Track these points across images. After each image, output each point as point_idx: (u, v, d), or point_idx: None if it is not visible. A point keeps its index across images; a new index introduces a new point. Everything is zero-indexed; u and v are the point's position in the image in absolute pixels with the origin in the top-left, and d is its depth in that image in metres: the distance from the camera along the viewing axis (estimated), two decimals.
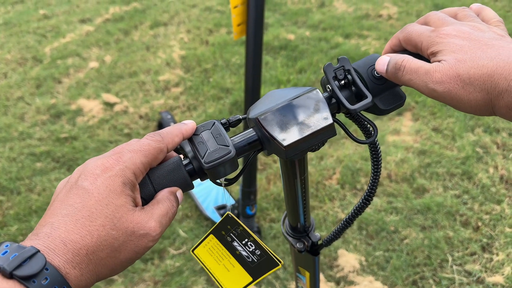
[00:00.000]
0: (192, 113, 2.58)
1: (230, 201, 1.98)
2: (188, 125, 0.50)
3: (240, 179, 1.81)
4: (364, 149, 2.22)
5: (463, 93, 0.44)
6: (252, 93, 1.55)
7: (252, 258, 0.56)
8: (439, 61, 0.46)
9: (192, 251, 0.58)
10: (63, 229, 0.40)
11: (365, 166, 2.13)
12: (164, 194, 0.47)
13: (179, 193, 0.49)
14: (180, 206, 2.01)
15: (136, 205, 0.45)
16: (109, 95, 2.73)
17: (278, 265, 0.55)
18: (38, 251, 0.37)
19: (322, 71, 2.79)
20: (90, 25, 3.57)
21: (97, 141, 2.40)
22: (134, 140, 0.48)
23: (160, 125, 2.42)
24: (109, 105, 2.67)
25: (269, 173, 2.15)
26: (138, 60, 3.08)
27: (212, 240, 0.58)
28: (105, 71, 2.98)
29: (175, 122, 2.36)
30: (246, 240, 0.56)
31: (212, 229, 0.58)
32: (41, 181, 2.19)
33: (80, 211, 0.41)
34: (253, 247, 0.56)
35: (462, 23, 0.49)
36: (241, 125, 2.08)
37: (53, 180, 2.20)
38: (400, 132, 2.32)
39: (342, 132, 2.00)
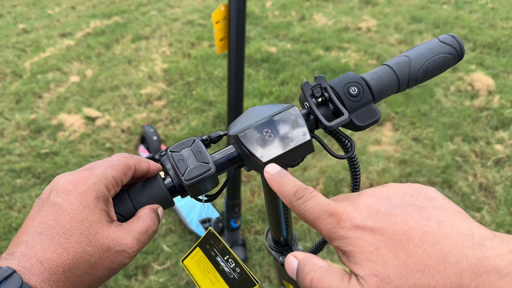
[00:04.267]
0: (175, 126, 2.58)
1: (214, 214, 1.97)
2: (155, 164, 0.51)
3: (224, 191, 1.81)
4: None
5: None
6: (235, 106, 1.56)
7: (233, 275, 0.57)
8: (357, 278, 0.34)
9: (182, 261, 0.58)
10: (38, 248, 0.39)
11: (348, 177, 2.15)
12: (145, 212, 0.47)
13: (160, 210, 0.49)
14: (163, 220, 2.00)
15: (111, 220, 0.44)
16: (90, 110, 2.71)
17: (256, 284, 0.56)
18: (14, 271, 0.37)
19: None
20: (71, 39, 3.55)
21: (79, 156, 2.37)
22: (104, 158, 0.48)
23: (143, 139, 2.41)
24: (90, 119, 2.65)
25: (253, 185, 2.15)
26: (120, 73, 3.07)
27: (198, 253, 0.58)
28: (86, 85, 2.96)
29: (157, 136, 2.35)
30: (227, 256, 0.57)
31: (198, 242, 0.58)
32: (21, 198, 2.15)
33: (54, 228, 0.40)
34: (234, 264, 0.57)
35: (361, 193, 0.38)
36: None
37: (34, 196, 2.16)
38: (381, 142, 2.36)
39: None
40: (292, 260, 0.39)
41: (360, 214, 0.36)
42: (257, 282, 0.56)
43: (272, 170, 0.43)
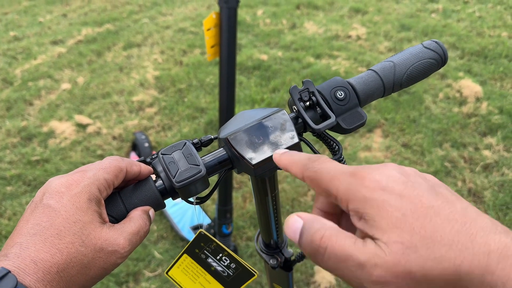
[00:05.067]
0: (167, 133, 2.58)
1: (206, 221, 1.97)
2: (147, 166, 0.52)
3: (216, 197, 1.81)
4: None
5: None
6: (227, 112, 1.57)
7: (227, 272, 0.58)
8: (376, 241, 0.32)
9: (167, 273, 0.59)
10: (32, 249, 0.40)
11: None
12: (136, 213, 0.48)
13: (151, 212, 0.50)
14: (155, 227, 2.00)
15: (103, 221, 0.45)
16: (81, 117, 2.71)
17: (254, 275, 0.57)
18: (9, 271, 0.37)
19: None
20: (62, 47, 3.55)
21: (70, 163, 2.36)
22: (96, 161, 0.49)
23: (134, 146, 2.41)
24: (81, 126, 2.64)
25: (245, 191, 2.16)
26: (111, 81, 3.07)
27: (186, 260, 0.58)
28: (77, 93, 2.95)
29: (149, 143, 2.35)
30: (221, 255, 0.58)
31: (185, 248, 0.58)
32: (12, 205, 2.14)
33: (48, 229, 0.41)
34: (228, 261, 0.58)
35: (385, 165, 0.35)
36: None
37: (24, 204, 2.14)
38: (371, 148, 2.38)
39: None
40: (296, 219, 0.36)
41: (387, 179, 0.33)
42: (255, 273, 0.57)
43: (281, 151, 0.43)
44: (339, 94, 0.53)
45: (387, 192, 0.32)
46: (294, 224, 0.36)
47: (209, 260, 0.58)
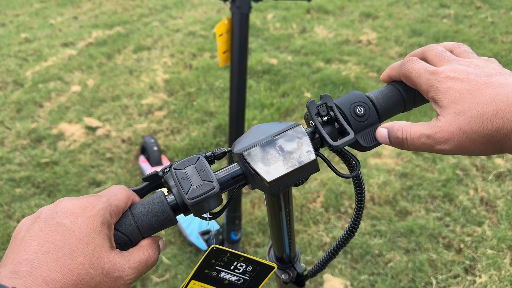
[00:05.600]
0: (175, 136, 2.58)
1: (214, 227, 1.96)
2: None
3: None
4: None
5: (470, 144, 0.44)
6: (237, 117, 1.56)
7: (243, 278, 0.56)
8: (438, 117, 0.46)
9: None
10: (44, 268, 0.39)
11: (349, 189, 2.14)
12: (147, 242, 0.49)
13: (161, 242, 0.51)
14: (163, 232, 1.99)
15: (112, 246, 0.46)
16: (91, 119, 2.71)
17: (274, 268, 0.57)
18: None
19: (304, 94, 2.83)
20: (73, 49, 3.56)
21: (79, 166, 2.37)
22: (106, 189, 0.50)
23: (143, 149, 2.40)
24: (91, 129, 2.65)
25: (254, 197, 2.14)
26: (121, 84, 3.08)
27: (194, 285, 0.57)
28: (87, 95, 2.96)
29: (158, 146, 2.35)
30: (235, 263, 0.56)
31: (192, 274, 0.56)
32: (21, 208, 2.14)
33: (61, 248, 0.41)
34: (244, 266, 0.56)
35: (459, 60, 0.48)
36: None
37: (33, 206, 2.15)
38: (381, 155, 2.36)
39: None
40: (382, 130, 0.51)
41: (455, 71, 0.46)
42: (274, 266, 0.56)
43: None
44: (358, 110, 0.52)
45: (453, 80, 0.46)
46: (382, 132, 0.51)
47: (222, 274, 0.56)
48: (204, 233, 1.92)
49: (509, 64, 3.04)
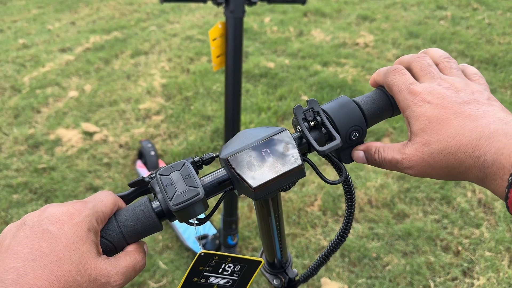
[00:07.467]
0: (173, 141, 2.58)
1: (211, 231, 1.96)
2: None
3: (222, 207, 1.79)
4: None
5: (432, 172, 0.46)
6: (233, 121, 1.56)
7: (232, 280, 0.56)
8: (407, 142, 0.48)
9: None
10: (31, 275, 0.39)
11: None
12: (133, 247, 0.49)
13: (145, 246, 0.51)
14: (160, 237, 1.98)
15: (99, 253, 0.45)
16: (88, 124, 2.71)
17: (260, 263, 0.57)
18: None
19: (302, 98, 2.83)
20: (70, 54, 3.57)
21: (76, 171, 2.36)
22: (92, 195, 0.50)
23: (141, 154, 2.40)
24: (88, 134, 2.65)
25: (251, 201, 2.14)
26: (119, 88, 3.08)
27: None
28: (85, 100, 2.96)
29: (155, 151, 2.34)
30: (223, 265, 0.56)
31: (180, 285, 0.56)
32: (18, 214, 2.14)
33: (48, 255, 0.41)
34: (232, 267, 0.56)
35: (440, 79, 0.49)
36: None
37: (30, 212, 2.14)
38: None
39: (323, 158, 2.02)
40: (359, 152, 0.53)
41: (431, 94, 0.47)
42: (261, 260, 0.57)
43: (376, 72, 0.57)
44: (353, 136, 0.52)
45: (428, 105, 0.46)
46: (359, 155, 0.53)
47: (211, 279, 0.56)
48: (201, 238, 1.92)
49: (507, 66, 3.04)
